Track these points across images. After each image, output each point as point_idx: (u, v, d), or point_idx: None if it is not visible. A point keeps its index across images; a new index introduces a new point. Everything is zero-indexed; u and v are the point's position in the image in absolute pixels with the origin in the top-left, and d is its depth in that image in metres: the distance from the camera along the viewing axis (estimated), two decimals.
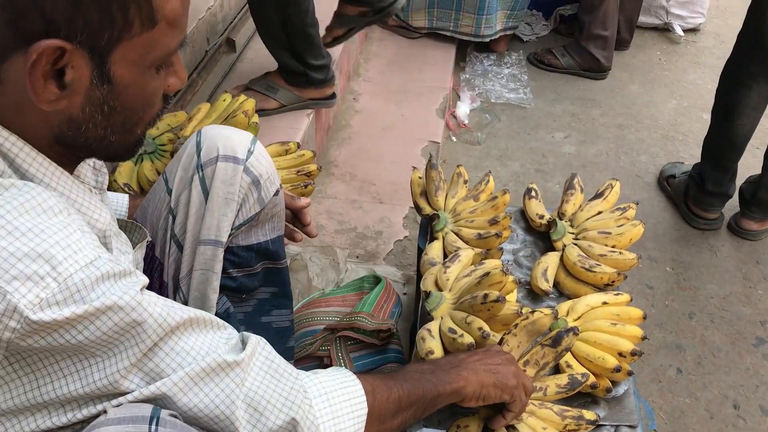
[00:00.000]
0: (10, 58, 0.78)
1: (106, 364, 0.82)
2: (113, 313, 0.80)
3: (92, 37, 0.78)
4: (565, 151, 2.96)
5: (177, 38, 0.86)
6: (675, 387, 1.97)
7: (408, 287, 2.04)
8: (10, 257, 0.75)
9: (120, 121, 0.87)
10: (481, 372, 1.15)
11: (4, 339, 0.76)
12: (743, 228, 2.49)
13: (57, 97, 0.80)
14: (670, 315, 2.20)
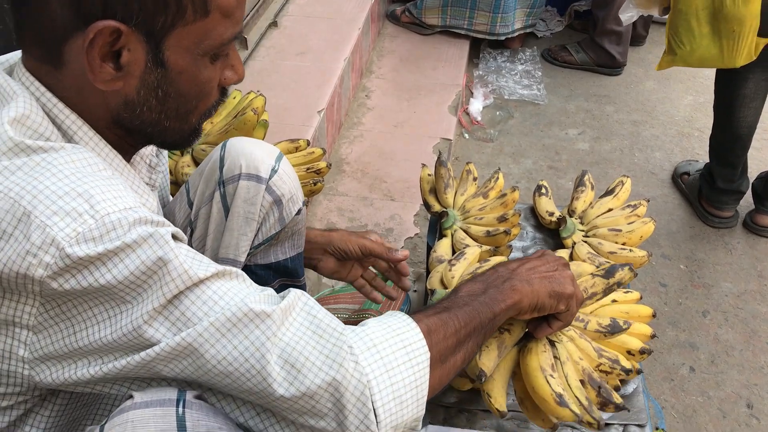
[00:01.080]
0: (71, 39, 0.82)
1: (133, 309, 0.81)
2: (141, 249, 0.80)
3: (147, 21, 0.81)
4: (579, 147, 2.93)
5: (230, 29, 0.88)
6: (687, 385, 1.95)
7: (418, 284, 2.04)
8: (51, 195, 0.78)
9: (174, 107, 0.91)
10: (535, 282, 1.06)
11: (36, 277, 0.78)
12: (758, 224, 2.46)
13: (113, 77, 0.84)
14: (684, 313, 2.17)
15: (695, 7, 2.00)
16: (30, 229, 0.77)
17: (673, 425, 1.84)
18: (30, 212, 0.78)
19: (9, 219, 0.78)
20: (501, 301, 1.03)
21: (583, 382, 1.23)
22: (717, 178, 2.43)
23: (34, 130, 0.84)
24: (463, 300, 1.02)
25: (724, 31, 2.01)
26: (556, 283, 1.09)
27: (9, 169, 0.80)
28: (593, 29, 3.36)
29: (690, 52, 2.08)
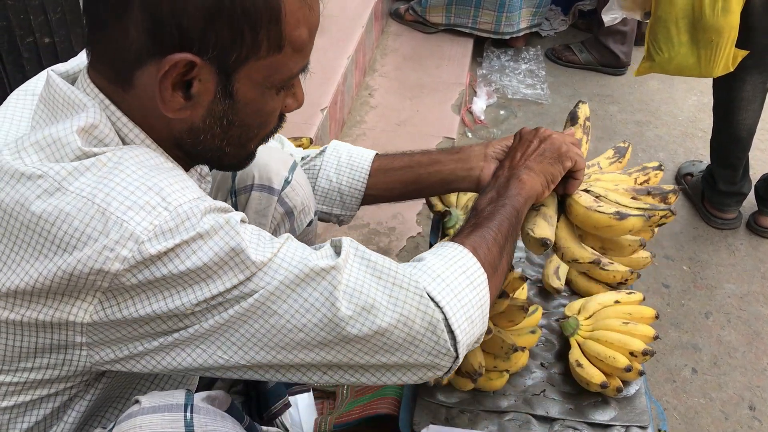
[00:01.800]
0: (144, 65, 0.82)
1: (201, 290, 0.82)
2: (213, 240, 0.81)
3: (221, 55, 0.82)
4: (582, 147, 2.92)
5: (300, 63, 0.89)
6: (690, 387, 1.95)
7: None
8: (123, 190, 0.80)
9: (236, 134, 0.92)
10: (533, 165, 1.14)
11: (112, 271, 0.79)
12: (761, 225, 2.45)
13: (182, 106, 0.85)
14: (686, 314, 2.17)
15: (675, 14, 2.00)
16: (107, 226, 0.78)
17: (675, 427, 1.83)
18: (105, 209, 0.79)
19: (82, 217, 0.79)
20: (517, 195, 1.11)
21: (633, 198, 1.26)
22: (718, 180, 2.43)
23: (100, 140, 0.85)
24: (487, 211, 1.09)
25: (702, 41, 2.01)
26: (550, 152, 1.17)
27: (78, 170, 0.81)
28: (597, 29, 3.35)
29: (668, 59, 2.09)
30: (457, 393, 1.41)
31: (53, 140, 0.83)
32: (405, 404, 1.46)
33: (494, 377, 1.39)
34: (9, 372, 0.87)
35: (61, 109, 0.87)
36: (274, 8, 0.82)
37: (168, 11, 0.78)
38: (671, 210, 1.20)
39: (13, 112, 0.96)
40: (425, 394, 1.42)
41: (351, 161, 1.33)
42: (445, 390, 1.41)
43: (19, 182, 0.80)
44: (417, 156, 1.32)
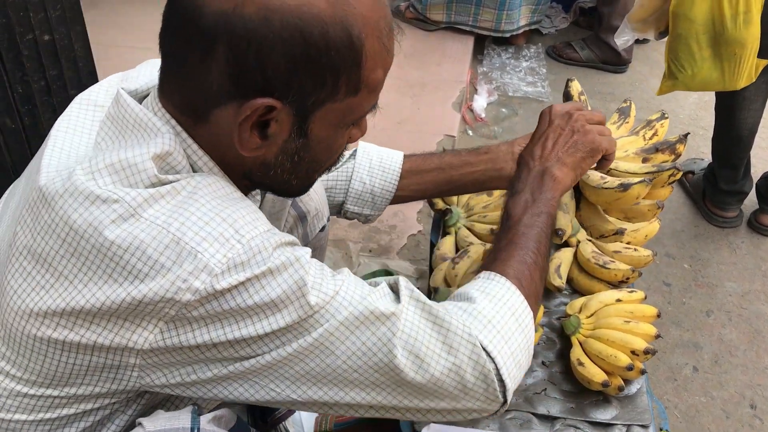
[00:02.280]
0: (223, 106, 0.83)
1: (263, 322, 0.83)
2: (282, 277, 0.82)
3: (301, 99, 0.82)
4: None
5: (372, 102, 0.90)
6: (691, 385, 1.95)
7: (421, 282, 2.03)
8: (198, 221, 0.80)
9: (305, 168, 0.93)
10: (566, 158, 1.13)
11: (183, 301, 0.79)
12: (762, 224, 2.45)
13: (258, 146, 0.86)
14: (687, 313, 2.16)
15: (695, 30, 1.98)
16: (181, 256, 0.79)
17: (675, 425, 1.83)
18: (179, 239, 0.79)
19: (156, 245, 0.79)
20: (552, 199, 1.10)
21: (644, 159, 1.27)
22: (719, 179, 2.43)
23: (173, 167, 0.85)
24: (524, 223, 1.07)
25: (725, 54, 1.99)
26: (582, 146, 1.14)
27: (153, 197, 0.81)
28: (598, 26, 3.34)
29: (692, 76, 2.06)
30: None
31: (128, 164, 0.82)
32: None
33: None
34: (57, 387, 0.87)
35: (131, 131, 0.86)
36: (357, 55, 0.82)
37: (253, 58, 0.78)
38: (676, 167, 1.21)
39: (76, 123, 0.96)
40: None
41: (382, 163, 1.33)
42: None
43: (93, 204, 0.80)
44: (447, 157, 1.33)
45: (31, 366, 0.86)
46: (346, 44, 0.80)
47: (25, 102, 1.43)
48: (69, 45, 1.52)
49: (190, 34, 0.79)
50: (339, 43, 0.79)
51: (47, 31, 1.45)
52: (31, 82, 1.43)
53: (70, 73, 1.53)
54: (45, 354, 0.84)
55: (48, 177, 0.84)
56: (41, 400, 0.88)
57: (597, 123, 1.21)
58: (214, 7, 0.77)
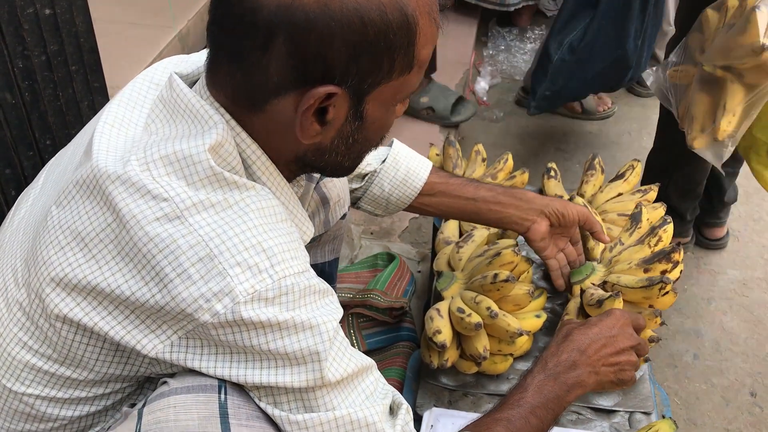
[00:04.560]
0: (282, 95, 0.82)
1: (271, 372, 0.83)
2: (304, 335, 0.82)
3: (359, 83, 0.82)
4: (587, 130, 2.90)
5: (421, 77, 0.90)
6: (691, 372, 1.94)
7: (422, 265, 2.02)
8: (239, 244, 0.80)
9: (358, 150, 0.93)
10: (601, 371, 1.10)
11: (201, 321, 0.79)
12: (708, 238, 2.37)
13: (317, 132, 0.85)
14: (689, 300, 2.16)
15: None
16: (210, 274, 0.79)
17: (676, 412, 1.83)
18: (215, 256, 0.79)
19: (190, 255, 0.79)
20: (568, 394, 1.06)
21: (646, 269, 1.37)
22: (685, 212, 2.22)
23: (224, 158, 0.84)
24: (538, 403, 1.03)
25: None
26: (620, 372, 1.11)
27: (203, 204, 0.81)
28: None
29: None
30: (461, 376, 1.40)
31: (184, 156, 0.82)
32: (408, 386, 1.45)
33: (498, 361, 1.38)
34: (71, 366, 0.88)
35: (182, 117, 0.86)
36: (411, 34, 0.81)
37: (314, 47, 0.78)
38: (663, 280, 1.31)
39: (130, 98, 0.96)
40: (428, 377, 1.41)
41: (407, 177, 1.32)
42: (449, 373, 1.40)
43: (143, 198, 0.80)
44: (482, 191, 1.33)
45: (48, 340, 0.86)
46: (402, 25, 0.80)
47: (25, 77, 1.41)
48: (70, 19, 1.49)
49: (247, 28, 0.78)
50: (396, 25, 0.79)
51: (48, 5, 1.42)
52: (31, 56, 1.40)
53: (71, 49, 1.50)
54: (59, 331, 0.85)
55: (102, 159, 0.84)
56: (54, 378, 0.89)
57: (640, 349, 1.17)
58: (272, 0, 0.76)
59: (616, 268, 1.42)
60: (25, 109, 1.43)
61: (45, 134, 1.49)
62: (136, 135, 0.90)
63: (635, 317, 1.19)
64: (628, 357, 1.12)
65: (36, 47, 1.42)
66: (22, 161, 1.45)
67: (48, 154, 1.50)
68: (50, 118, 1.50)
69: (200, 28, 2.46)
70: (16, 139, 1.42)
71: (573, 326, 1.14)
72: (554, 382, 1.06)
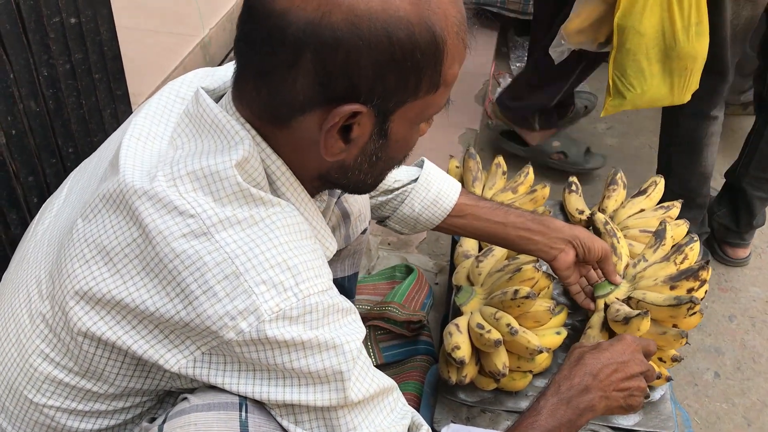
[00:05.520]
0: (307, 113, 0.81)
1: (293, 390, 0.83)
2: (328, 355, 0.82)
3: (385, 101, 0.81)
4: (607, 143, 2.88)
5: (447, 96, 0.89)
6: (712, 391, 1.92)
7: (440, 277, 2.01)
8: (264, 262, 0.80)
9: (381, 168, 0.93)
10: (612, 397, 1.11)
11: (225, 339, 0.79)
12: None
13: (341, 150, 0.85)
14: (710, 317, 2.13)
15: (645, 45, 1.86)
16: (236, 291, 0.79)
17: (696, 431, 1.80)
18: (241, 274, 0.79)
19: (216, 272, 0.79)
20: (579, 419, 1.08)
21: (672, 287, 1.36)
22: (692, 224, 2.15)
23: (250, 174, 0.85)
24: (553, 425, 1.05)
25: (676, 69, 1.89)
26: (629, 398, 1.12)
27: (230, 221, 0.81)
28: None
29: (641, 94, 1.94)
30: (479, 392, 1.39)
31: (211, 172, 0.82)
32: (425, 401, 1.44)
33: (517, 377, 1.37)
34: (92, 380, 0.88)
35: (209, 132, 0.86)
36: (439, 54, 0.80)
37: (341, 65, 0.77)
38: (692, 300, 1.30)
39: (157, 111, 0.96)
40: (446, 392, 1.40)
41: (438, 198, 1.32)
42: (467, 389, 1.39)
43: (169, 214, 0.81)
44: (512, 216, 1.33)
45: (69, 353, 0.87)
46: (430, 44, 0.79)
47: (49, 85, 1.42)
48: (95, 28, 1.50)
49: (274, 44, 0.78)
50: (423, 44, 0.78)
51: (74, 14, 1.43)
52: (56, 65, 1.41)
53: (95, 57, 1.52)
54: (81, 345, 0.85)
55: (129, 173, 0.84)
56: (74, 390, 0.89)
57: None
58: (300, 17, 0.75)
59: (640, 284, 1.41)
60: (48, 116, 1.44)
61: (68, 142, 1.50)
62: (162, 149, 0.90)
63: (646, 343, 1.19)
64: (638, 383, 1.13)
65: (61, 56, 1.43)
66: (45, 169, 1.46)
67: (71, 162, 1.51)
68: (73, 126, 1.51)
69: (222, 38, 2.47)
70: (40, 147, 1.43)
71: (585, 350, 1.15)
72: (567, 406, 1.06)
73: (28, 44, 1.35)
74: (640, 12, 1.83)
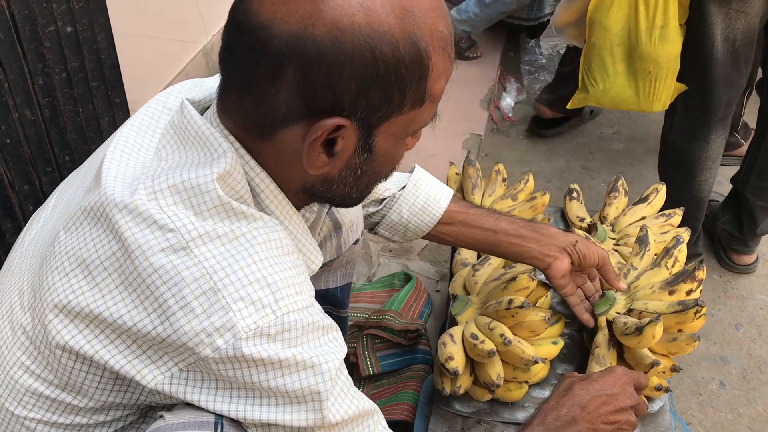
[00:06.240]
0: (290, 126, 0.81)
1: (271, 409, 0.83)
2: (305, 374, 0.82)
3: (369, 115, 0.81)
4: (613, 148, 2.86)
5: (433, 111, 0.88)
6: (717, 401, 1.89)
7: (441, 284, 2.00)
8: (243, 278, 0.79)
9: (365, 182, 0.92)
10: (599, 429, 1.09)
11: (202, 356, 0.79)
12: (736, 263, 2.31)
13: (324, 164, 0.84)
14: (715, 325, 2.10)
15: (609, 41, 1.84)
16: (213, 308, 0.78)
17: None
18: (219, 290, 0.78)
19: (194, 288, 0.78)
20: None
21: (671, 291, 1.35)
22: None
23: (232, 187, 0.84)
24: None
25: (639, 71, 1.85)
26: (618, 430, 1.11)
27: (209, 235, 0.80)
28: None
29: (603, 91, 1.92)
30: (474, 403, 1.38)
31: (192, 185, 0.82)
32: (420, 412, 1.43)
33: (513, 388, 1.35)
34: (71, 393, 0.88)
35: (192, 144, 0.86)
36: (424, 69, 0.80)
37: (324, 78, 0.76)
38: (699, 303, 1.27)
39: (142, 122, 0.96)
40: (441, 403, 1.39)
41: (426, 204, 1.30)
42: (462, 399, 1.37)
43: (149, 228, 0.80)
44: (503, 223, 1.30)
45: (49, 366, 0.86)
46: (415, 59, 0.78)
47: (45, 94, 1.42)
48: (92, 37, 1.50)
49: (257, 56, 0.77)
50: (408, 59, 0.77)
51: (70, 22, 1.43)
52: (52, 74, 1.42)
53: (91, 65, 1.52)
54: (59, 358, 0.84)
55: (110, 186, 0.84)
56: (55, 403, 0.88)
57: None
58: (284, 30, 0.75)
59: (638, 294, 1.39)
60: (44, 125, 1.44)
61: (64, 150, 1.51)
62: (146, 161, 0.89)
63: (637, 376, 1.17)
64: (628, 417, 1.11)
65: (57, 64, 1.44)
66: (41, 177, 1.46)
67: (67, 170, 1.51)
68: (69, 134, 1.51)
69: None
70: (35, 156, 1.44)
71: (575, 380, 1.13)
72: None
73: (22, 53, 1.35)
74: (608, 7, 1.83)
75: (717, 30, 1.76)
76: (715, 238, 2.33)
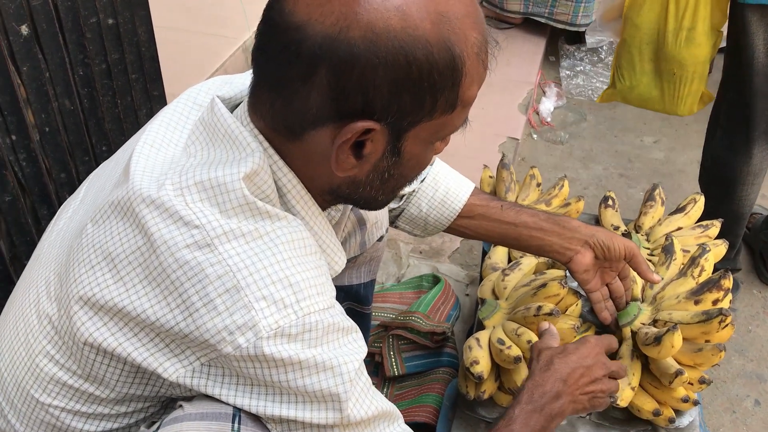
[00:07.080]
0: (320, 127, 0.81)
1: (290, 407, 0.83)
2: (326, 376, 0.82)
3: (399, 120, 0.80)
4: (654, 156, 2.80)
5: (464, 117, 0.88)
6: (751, 420, 1.83)
7: (471, 288, 1.98)
8: (266, 277, 0.80)
9: (392, 185, 0.91)
10: (578, 401, 1.11)
11: (223, 353, 0.80)
12: None
13: (352, 166, 0.84)
14: (753, 341, 2.04)
15: (639, 39, 1.82)
16: (235, 306, 0.79)
17: None
18: (242, 288, 0.79)
19: (218, 285, 0.79)
20: (550, 423, 1.08)
21: (696, 301, 1.32)
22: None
23: (259, 186, 0.84)
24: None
25: (665, 72, 1.83)
26: (593, 400, 1.13)
27: (234, 233, 0.81)
28: None
29: (629, 88, 1.91)
30: (498, 408, 1.36)
31: (218, 183, 0.82)
32: (444, 415, 1.42)
33: None
34: (94, 383, 0.89)
35: (221, 142, 0.86)
36: (457, 75, 0.79)
37: (356, 81, 0.76)
38: (722, 312, 1.23)
39: (172, 118, 0.97)
40: (465, 407, 1.37)
41: (446, 198, 1.29)
42: (486, 404, 1.36)
43: (175, 224, 0.81)
44: (524, 215, 1.28)
45: (73, 356, 0.87)
46: (448, 65, 0.77)
47: (85, 84, 1.44)
48: (132, 29, 1.53)
49: (290, 56, 0.77)
50: (441, 65, 0.77)
51: (111, 14, 1.46)
52: (92, 65, 1.44)
53: (131, 57, 1.54)
54: (82, 349, 0.85)
55: (137, 180, 0.85)
56: (78, 393, 0.89)
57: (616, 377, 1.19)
58: (318, 31, 0.74)
59: (663, 305, 1.35)
60: (83, 115, 1.47)
61: (101, 140, 1.53)
62: (175, 156, 0.90)
63: (607, 341, 1.18)
64: (601, 386, 1.13)
65: (97, 56, 1.46)
66: (78, 166, 1.49)
67: (103, 161, 1.53)
68: (107, 125, 1.53)
69: None
70: (73, 145, 1.46)
71: (553, 353, 1.14)
72: (540, 414, 1.06)
73: (64, 44, 1.38)
74: (640, 5, 1.83)
75: (758, 40, 1.71)
76: (756, 252, 2.26)
